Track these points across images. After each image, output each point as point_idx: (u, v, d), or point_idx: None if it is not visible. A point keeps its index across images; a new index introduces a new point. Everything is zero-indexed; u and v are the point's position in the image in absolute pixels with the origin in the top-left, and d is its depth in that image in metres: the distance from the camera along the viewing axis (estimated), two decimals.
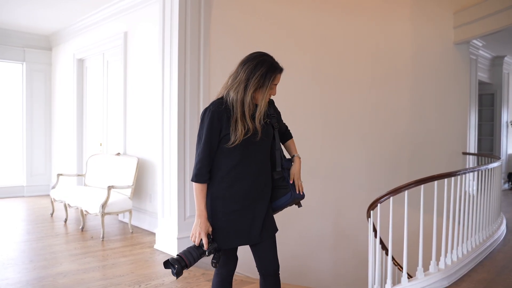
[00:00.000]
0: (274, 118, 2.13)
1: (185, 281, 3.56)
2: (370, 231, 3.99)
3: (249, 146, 2.00)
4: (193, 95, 4.26)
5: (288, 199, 2.15)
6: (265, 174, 2.11)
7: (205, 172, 2.00)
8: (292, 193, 2.16)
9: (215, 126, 1.96)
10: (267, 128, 2.09)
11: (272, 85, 2.01)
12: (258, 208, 2.07)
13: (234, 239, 2.06)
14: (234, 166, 2.01)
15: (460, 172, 3.99)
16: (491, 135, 10.47)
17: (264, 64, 1.98)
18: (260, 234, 2.06)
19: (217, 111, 1.97)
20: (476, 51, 8.60)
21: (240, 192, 2.03)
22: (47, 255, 4.17)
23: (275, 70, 2.00)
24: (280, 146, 2.17)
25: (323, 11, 5.66)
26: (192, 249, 1.98)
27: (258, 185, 2.07)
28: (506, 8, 6.76)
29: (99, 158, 5.97)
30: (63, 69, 7.53)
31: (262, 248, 2.12)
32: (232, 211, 2.02)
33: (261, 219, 2.07)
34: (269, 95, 2.04)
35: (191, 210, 4.28)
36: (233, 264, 2.20)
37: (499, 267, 4.14)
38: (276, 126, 2.14)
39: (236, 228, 2.05)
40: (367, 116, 6.26)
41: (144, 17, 5.41)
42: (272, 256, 2.15)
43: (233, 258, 2.19)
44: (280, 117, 2.26)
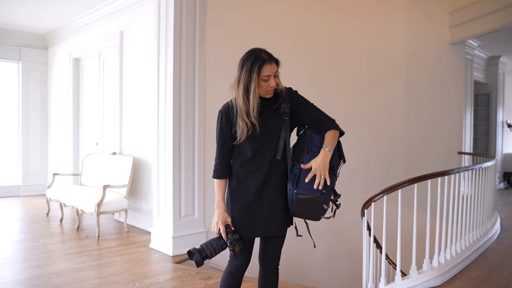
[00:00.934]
0: (286, 108, 2.07)
1: (179, 279, 3.56)
2: (364, 229, 4.01)
3: (258, 141, 2.05)
4: (188, 94, 4.27)
5: (290, 196, 2.05)
6: (280, 168, 2.09)
7: (220, 168, 2.14)
8: (291, 188, 2.03)
9: (224, 125, 2.09)
10: (274, 120, 2.07)
11: (262, 77, 1.99)
12: (276, 202, 2.09)
13: (253, 230, 2.11)
14: (247, 161, 2.09)
15: (454, 171, 4.01)
16: (487, 135, 10.50)
17: (250, 58, 2.00)
18: (278, 227, 2.11)
19: (225, 111, 2.10)
20: (472, 51, 8.64)
21: (253, 186, 2.08)
22: (42, 254, 4.17)
23: (260, 61, 1.99)
24: (286, 135, 2.07)
25: (319, 12, 5.68)
26: (214, 240, 2.09)
27: (271, 179, 2.08)
28: (501, 8, 6.79)
29: (95, 158, 5.97)
30: (59, 69, 7.53)
31: (272, 242, 2.19)
32: (248, 203, 2.09)
33: (279, 212, 2.09)
34: (264, 88, 2.02)
35: (186, 209, 4.29)
36: (244, 259, 2.20)
37: (492, 266, 4.16)
38: (285, 116, 2.08)
39: (254, 219, 2.10)
40: (363, 116, 6.28)
41: (140, 16, 5.41)
42: (277, 253, 2.22)
43: (245, 253, 2.19)
44: (307, 108, 2.14)
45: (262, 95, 2.06)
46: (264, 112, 2.08)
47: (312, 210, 2.02)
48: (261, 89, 2.02)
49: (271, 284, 2.25)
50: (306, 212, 2.04)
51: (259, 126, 2.03)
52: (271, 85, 2.02)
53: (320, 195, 1.98)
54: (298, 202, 2.01)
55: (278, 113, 2.08)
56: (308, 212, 2.04)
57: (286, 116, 2.08)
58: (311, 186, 1.98)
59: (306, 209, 2.03)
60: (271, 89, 2.04)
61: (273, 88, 2.04)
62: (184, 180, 4.27)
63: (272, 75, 2.02)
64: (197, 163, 4.36)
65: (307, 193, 1.99)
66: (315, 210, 2.02)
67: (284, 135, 2.07)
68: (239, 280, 2.24)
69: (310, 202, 2.00)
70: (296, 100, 2.13)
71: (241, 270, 2.21)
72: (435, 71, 7.69)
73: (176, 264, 3.95)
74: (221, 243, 2.08)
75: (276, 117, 2.08)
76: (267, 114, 2.08)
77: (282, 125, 2.08)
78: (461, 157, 8.21)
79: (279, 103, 2.08)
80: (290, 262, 2.94)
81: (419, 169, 5.82)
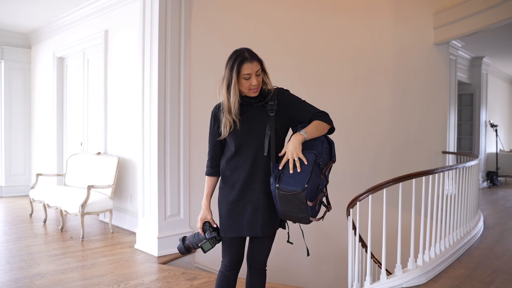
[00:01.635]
0: (273, 106, 2.06)
1: (165, 280, 3.54)
2: (349, 228, 4.02)
3: (241, 137, 2.06)
4: (173, 94, 4.25)
5: (273, 191, 1.97)
6: (265, 167, 2.06)
7: (209, 165, 2.23)
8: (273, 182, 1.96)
9: (212, 124, 2.17)
10: (259, 117, 2.07)
11: (243, 75, 1.99)
12: (262, 201, 2.06)
13: (238, 229, 2.10)
14: (231, 158, 2.12)
15: (438, 170, 4.06)
16: (470, 135, 10.65)
17: (233, 57, 2.03)
18: (263, 227, 2.08)
19: (214, 111, 2.17)
20: (456, 52, 8.75)
21: (238, 183, 2.09)
22: (25, 256, 4.10)
23: (240, 60, 1.99)
24: (271, 131, 2.04)
25: (306, 11, 5.69)
26: (197, 233, 2.19)
27: (256, 177, 2.07)
28: (484, 10, 6.89)
29: (80, 158, 5.90)
30: (43, 68, 7.42)
31: (260, 242, 2.18)
32: (233, 201, 2.10)
33: (265, 212, 2.06)
34: (246, 86, 2.02)
35: (171, 210, 4.26)
36: (230, 258, 2.19)
37: (476, 263, 4.22)
38: (271, 112, 2.06)
39: (238, 218, 2.09)
40: (349, 115, 6.32)
41: (125, 15, 5.36)
42: (263, 253, 2.20)
43: (233, 252, 2.18)
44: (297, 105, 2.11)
45: (246, 94, 2.06)
46: (249, 110, 2.08)
47: (297, 209, 1.92)
48: (243, 87, 2.03)
49: (256, 285, 2.23)
50: (292, 211, 1.95)
51: (240, 123, 2.04)
52: (253, 84, 2.01)
53: (302, 191, 1.87)
54: (281, 198, 1.92)
55: (264, 111, 2.08)
56: (294, 212, 1.95)
57: (272, 113, 2.06)
58: (293, 180, 1.90)
59: (290, 206, 1.93)
60: (253, 88, 2.03)
61: (255, 86, 2.03)
62: (170, 180, 4.25)
63: (254, 73, 2.00)
64: (183, 163, 4.33)
65: (288, 187, 1.90)
66: (300, 208, 1.91)
67: (269, 131, 2.05)
68: (231, 280, 2.22)
69: (294, 199, 1.90)
70: (286, 98, 2.11)
71: (230, 269, 2.20)
72: (420, 71, 7.77)
73: (161, 265, 3.92)
74: (201, 238, 2.16)
75: (261, 115, 2.07)
76: (252, 112, 2.08)
77: (267, 121, 2.06)
78: (445, 156, 8.31)
79: (266, 101, 2.07)
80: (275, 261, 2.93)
81: (404, 168, 5.87)
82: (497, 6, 6.64)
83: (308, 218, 1.96)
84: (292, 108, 2.11)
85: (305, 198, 1.89)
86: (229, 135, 2.08)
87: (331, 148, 2.10)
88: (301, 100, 2.15)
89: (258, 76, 2.03)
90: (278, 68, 5.24)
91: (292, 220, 2.02)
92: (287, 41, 5.48)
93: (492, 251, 4.72)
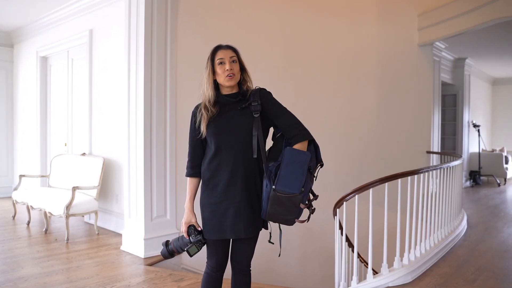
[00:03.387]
0: (257, 106, 2.04)
1: (151, 282, 3.51)
2: (336, 228, 4.05)
3: (222, 137, 2.05)
4: (160, 94, 4.22)
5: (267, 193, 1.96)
6: (247, 168, 2.05)
7: (189, 166, 2.18)
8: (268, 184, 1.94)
9: (192, 123, 2.14)
10: (242, 118, 2.06)
11: (216, 61, 2.05)
12: (244, 202, 2.04)
13: (221, 231, 2.07)
14: (212, 159, 2.09)
15: (423, 170, 4.11)
16: (454, 135, 10.80)
17: (210, 52, 2.11)
18: (246, 229, 2.05)
19: (194, 111, 2.15)
20: (439, 53, 8.86)
21: (220, 185, 2.06)
22: (8, 259, 4.03)
23: (215, 48, 2.10)
24: (258, 132, 2.03)
25: (291, 13, 5.71)
26: (182, 237, 2.15)
27: (239, 178, 2.04)
28: (467, 12, 7.00)
29: (64, 159, 5.82)
30: (26, 67, 7.30)
31: (243, 244, 2.16)
32: (215, 203, 2.07)
33: (247, 213, 2.04)
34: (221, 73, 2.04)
35: (158, 211, 4.24)
36: (217, 259, 2.18)
37: (460, 262, 4.28)
38: (255, 113, 2.04)
39: (221, 220, 2.06)
40: (335, 116, 6.35)
41: (110, 14, 5.30)
42: (247, 255, 2.20)
43: (218, 253, 2.17)
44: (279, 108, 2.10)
45: (223, 83, 2.06)
46: (231, 110, 2.07)
47: (287, 211, 1.95)
48: (219, 75, 2.05)
49: (241, 285, 2.23)
50: (281, 213, 1.96)
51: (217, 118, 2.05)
52: (226, 68, 2.03)
53: (300, 194, 1.91)
54: (275, 200, 1.92)
55: (247, 111, 2.06)
56: (283, 214, 1.96)
57: (257, 114, 2.04)
58: (290, 183, 1.92)
59: (281, 209, 1.94)
60: (228, 73, 2.03)
61: (230, 71, 2.03)
62: (156, 181, 4.22)
63: (227, 58, 2.05)
64: (169, 164, 4.31)
65: (286, 190, 1.91)
66: (290, 210, 1.94)
67: (256, 132, 2.03)
68: (217, 281, 2.22)
69: (288, 201, 1.92)
70: (267, 99, 2.10)
71: (216, 270, 2.19)
72: (405, 72, 7.86)
73: (148, 267, 3.90)
74: (186, 241, 2.13)
75: (244, 115, 2.06)
76: (234, 112, 2.07)
77: (253, 123, 2.04)
78: (429, 156, 8.42)
79: (249, 101, 2.06)
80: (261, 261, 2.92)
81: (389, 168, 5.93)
82: (480, 8, 6.75)
83: (293, 220, 2.00)
84: (274, 110, 2.09)
85: (299, 201, 1.93)
86: (210, 135, 2.06)
87: (316, 152, 2.11)
88: (284, 108, 2.12)
89: (233, 63, 2.06)
90: (264, 69, 5.25)
91: (278, 221, 2.02)
92: (272, 42, 5.48)
93: (476, 249, 4.79)
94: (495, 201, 8.58)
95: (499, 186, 10.64)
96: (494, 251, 4.81)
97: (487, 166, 11.14)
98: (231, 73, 2.03)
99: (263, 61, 5.24)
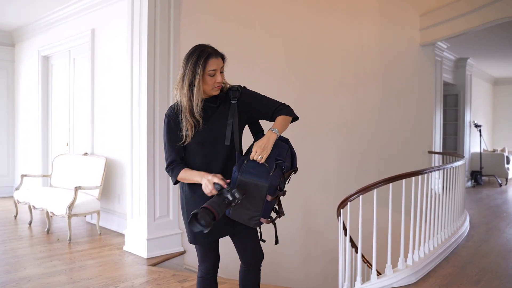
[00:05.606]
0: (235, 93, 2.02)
1: (155, 282, 3.50)
2: (340, 229, 4.04)
3: (206, 144, 1.98)
4: (163, 93, 4.20)
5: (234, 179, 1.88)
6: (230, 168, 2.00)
7: (174, 166, 2.01)
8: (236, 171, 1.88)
9: (172, 129, 2.00)
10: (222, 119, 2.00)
11: (208, 71, 1.92)
12: None
13: (211, 233, 1.98)
14: (198, 168, 2.00)
15: (427, 170, 4.10)
16: (455, 135, 10.80)
17: (195, 53, 1.94)
18: (233, 226, 2.04)
19: (171, 114, 2.01)
20: (441, 53, 8.85)
21: (205, 195, 1.92)
22: (10, 259, 4.02)
23: (206, 55, 1.92)
24: (234, 120, 1.98)
25: (294, 13, 5.69)
26: (213, 199, 1.82)
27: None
28: (469, 12, 6.99)
29: (66, 158, 5.80)
30: (27, 66, 7.29)
31: (243, 238, 2.12)
32: None
33: None
34: (211, 84, 1.94)
35: (161, 211, 4.22)
36: (211, 261, 2.16)
37: (463, 262, 4.28)
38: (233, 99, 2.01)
39: None
40: (336, 116, 6.34)
41: (112, 14, 5.29)
42: (255, 246, 2.16)
43: (211, 255, 2.15)
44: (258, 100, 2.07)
45: (209, 92, 1.98)
46: (212, 115, 2.00)
47: (252, 205, 1.87)
48: (208, 85, 1.95)
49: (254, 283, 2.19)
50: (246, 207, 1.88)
51: (204, 127, 1.96)
52: (217, 81, 1.95)
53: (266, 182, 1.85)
54: (241, 189, 1.82)
55: (226, 107, 2.01)
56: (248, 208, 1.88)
57: (234, 100, 2.00)
58: (257, 172, 1.86)
59: (247, 202, 1.86)
60: (217, 85, 1.96)
61: (219, 84, 1.97)
62: (159, 180, 4.20)
63: (219, 70, 1.96)
64: None
65: (253, 177, 1.85)
66: (255, 205, 1.86)
67: (231, 120, 1.98)
68: (213, 282, 2.20)
69: (255, 189, 1.85)
70: (246, 96, 2.05)
71: (211, 272, 2.17)
72: (406, 72, 7.85)
73: (151, 267, 3.88)
74: (223, 198, 1.82)
75: (224, 115, 2.01)
76: (215, 116, 2.01)
77: (229, 110, 1.99)
78: (431, 156, 8.41)
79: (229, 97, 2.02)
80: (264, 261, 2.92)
81: (391, 168, 5.93)
82: (482, 8, 6.75)
83: (258, 219, 1.91)
84: (254, 105, 2.06)
85: (266, 191, 1.86)
86: (194, 143, 1.98)
87: (293, 159, 2.07)
88: (261, 95, 2.10)
89: (222, 73, 1.98)
90: (266, 69, 5.24)
91: (242, 220, 1.93)
92: (274, 42, 5.47)
93: (479, 249, 4.79)
94: (497, 201, 8.57)
95: (501, 186, 10.63)
96: (497, 251, 4.80)
97: (488, 166, 11.14)
98: (220, 85, 1.98)
99: (264, 61, 5.23)
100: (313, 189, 5.82)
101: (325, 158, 6.11)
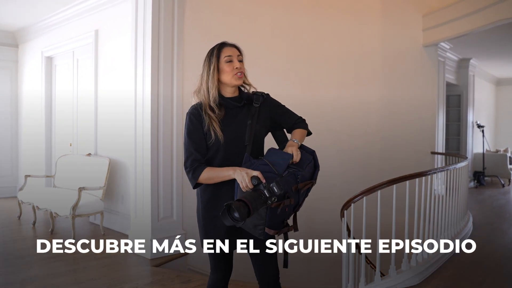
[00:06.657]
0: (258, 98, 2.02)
1: (159, 283, 3.51)
2: (344, 230, 4.04)
3: (229, 143, 1.93)
4: (167, 94, 4.21)
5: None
6: None
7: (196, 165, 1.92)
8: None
9: (196, 125, 1.94)
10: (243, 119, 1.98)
11: (224, 57, 1.94)
12: None
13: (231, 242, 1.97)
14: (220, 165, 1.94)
15: (431, 171, 4.10)
16: (458, 135, 10.79)
17: (210, 50, 2.01)
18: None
19: (194, 112, 1.98)
20: (444, 54, 8.85)
21: (228, 194, 1.89)
22: (14, 259, 4.03)
23: (219, 45, 1.98)
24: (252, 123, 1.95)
25: (296, 13, 5.70)
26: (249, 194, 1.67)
27: None
28: (472, 13, 6.99)
29: (69, 159, 5.82)
30: (31, 67, 7.30)
31: (261, 254, 2.03)
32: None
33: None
34: (229, 71, 1.93)
35: (164, 211, 4.23)
36: (224, 270, 2.10)
37: (467, 263, 4.27)
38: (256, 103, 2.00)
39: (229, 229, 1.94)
40: (338, 116, 6.34)
41: (116, 14, 5.30)
42: (270, 262, 2.06)
43: (226, 263, 2.09)
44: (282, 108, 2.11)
45: (230, 81, 1.96)
46: (237, 115, 1.98)
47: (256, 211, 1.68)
48: (226, 73, 1.94)
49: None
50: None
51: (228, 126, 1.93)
52: (236, 66, 1.94)
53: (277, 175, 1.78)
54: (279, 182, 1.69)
55: (249, 110, 2.00)
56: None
57: (257, 104, 2.00)
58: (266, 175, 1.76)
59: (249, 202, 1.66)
60: (237, 72, 1.94)
61: (239, 70, 1.95)
62: (162, 181, 4.21)
63: (235, 56, 1.96)
64: (175, 164, 4.30)
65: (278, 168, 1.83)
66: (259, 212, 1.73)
67: (250, 121, 1.95)
68: None
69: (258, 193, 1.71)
70: (269, 102, 2.07)
71: (224, 282, 2.11)
72: (409, 72, 7.84)
73: (154, 268, 3.89)
74: (258, 195, 1.66)
75: (246, 117, 1.99)
76: (239, 117, 1.98)
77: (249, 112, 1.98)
78: (433, 157, 8.40)
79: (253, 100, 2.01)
80: None
81: (394, 169, 5.92)
82: (484, 9, 6.75)
83: (263, 228, 1.77)
84: (276, 110, 2.09)
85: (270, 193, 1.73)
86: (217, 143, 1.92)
87: (314, 171, 2.03)
88: (283, 105, 2.15)
89: (240, 62, 1.98)
90: (269, 68, 5.24)
91: (247, 228, 1.82)
92: (277, 42, 5.48)
93: (482, 251, 4.78)
94: (499, 202, 8.56)
95: (503, 187, 10.61)
96: (500, 252, 4.80)
97: (491, 166, 11.12)
98: (241, 71, 1.96)
99: (267, 61, 5.23)
100: (316, 190, 5.80)
101: (328, 158, 6.09)
